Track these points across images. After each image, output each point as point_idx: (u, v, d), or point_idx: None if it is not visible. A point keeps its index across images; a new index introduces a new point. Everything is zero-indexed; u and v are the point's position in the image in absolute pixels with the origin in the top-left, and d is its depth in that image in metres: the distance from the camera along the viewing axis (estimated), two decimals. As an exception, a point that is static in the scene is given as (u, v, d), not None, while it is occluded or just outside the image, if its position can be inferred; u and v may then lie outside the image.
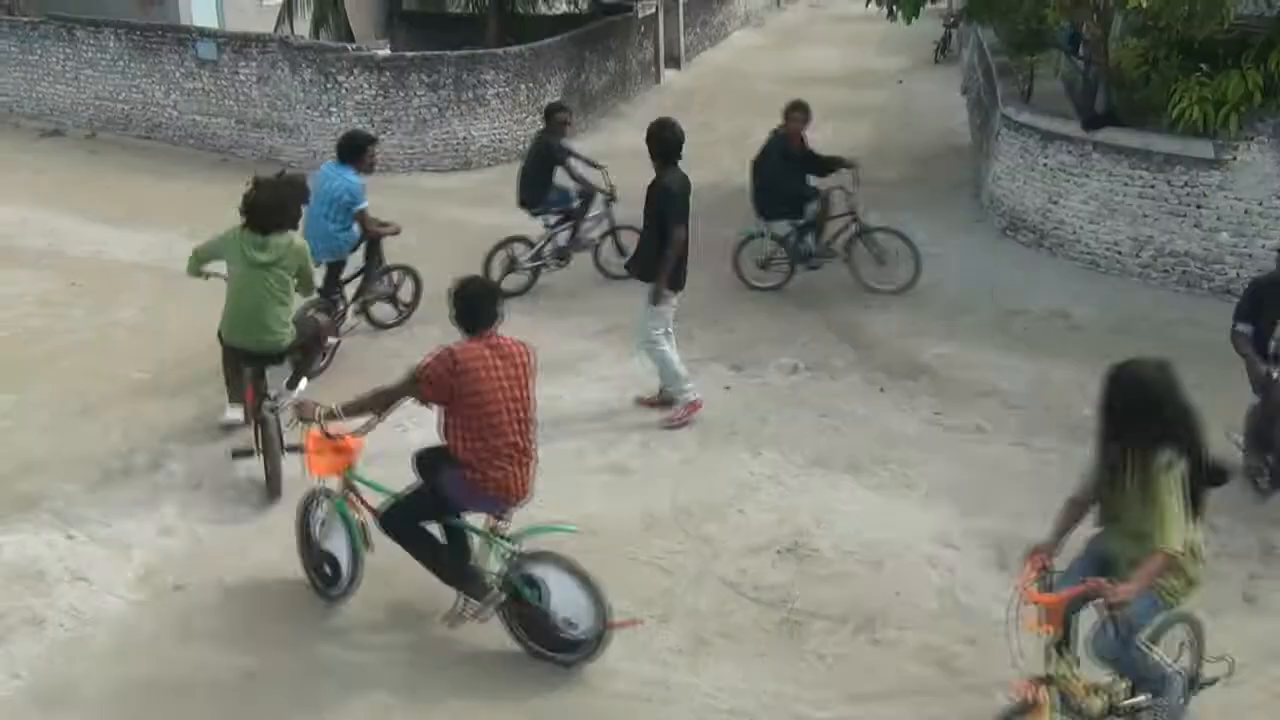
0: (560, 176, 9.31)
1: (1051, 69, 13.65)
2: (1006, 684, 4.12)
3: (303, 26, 16.99)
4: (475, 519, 4.99)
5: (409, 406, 7.29)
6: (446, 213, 11.28)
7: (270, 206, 6.27)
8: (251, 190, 6.36)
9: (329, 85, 13.75)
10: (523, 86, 14.40)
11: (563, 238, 9.51)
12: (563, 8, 19.89)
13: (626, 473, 6.64)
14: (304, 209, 6.62)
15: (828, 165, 9.28)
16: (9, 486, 6.41)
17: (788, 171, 9.07)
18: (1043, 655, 3.97)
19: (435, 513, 4.97)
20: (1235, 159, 9.06)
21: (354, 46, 14.29)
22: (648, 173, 7.09)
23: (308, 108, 13.94)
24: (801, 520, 6.07)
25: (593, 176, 9.47)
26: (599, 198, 9.52)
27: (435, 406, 4.85)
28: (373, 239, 8.10)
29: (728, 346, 8.39)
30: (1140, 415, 3.88)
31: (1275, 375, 5.92)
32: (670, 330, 7.24)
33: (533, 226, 9.47)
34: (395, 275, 8.65)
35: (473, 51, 14.49)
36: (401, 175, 13.58)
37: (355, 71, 13.66)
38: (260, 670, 4.95)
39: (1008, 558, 5.74)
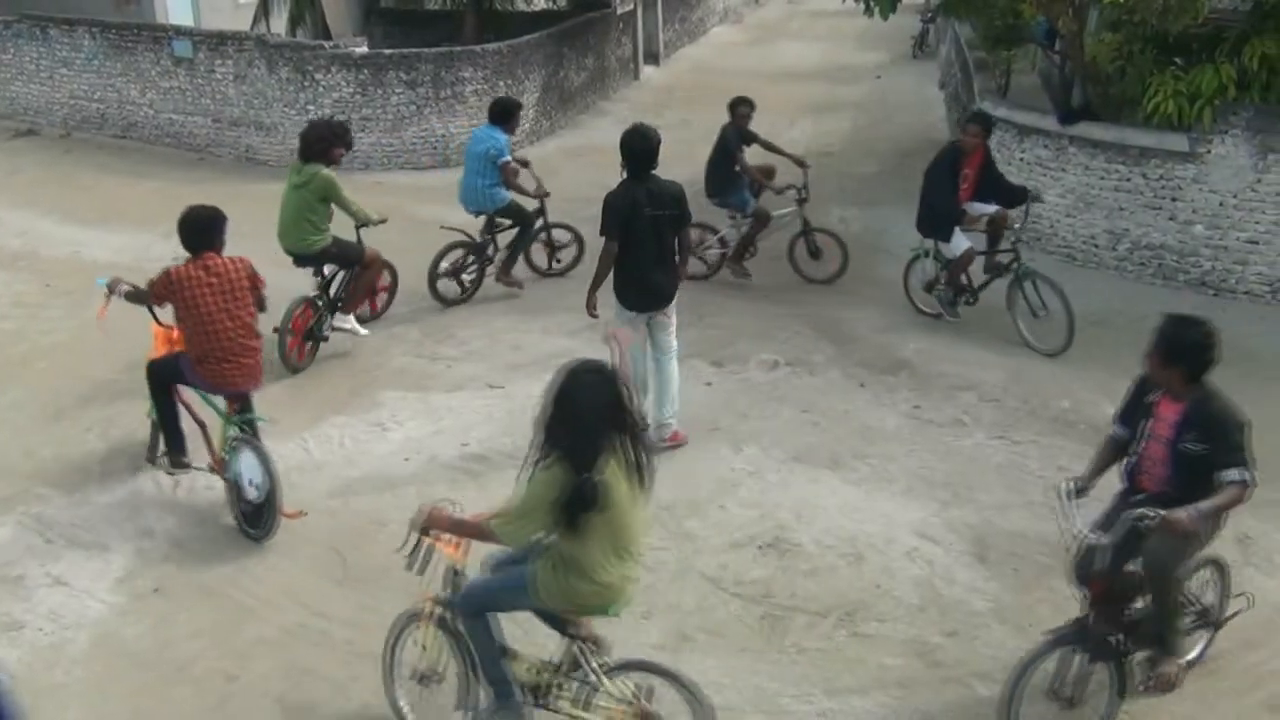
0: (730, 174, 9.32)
1: (1028, 64, 13.75)
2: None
3: (279, 24, 16.88)
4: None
5: (391, 407, 7.36)
6: (426, 210, 11.22)
7: (307, 141, 7.79)
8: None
9: (306, 83, 13.68)
10: (501, 84, 14.33)
11: (745, 225, 9.55)
12: (541, 4, 19.81)
13: (608, 470, 6.63)
14: (341, 150, 7.84)
15: (1009, 194, 8.35)
16: (-15, 490, 6.37)
17: (948, 189, 8.22)
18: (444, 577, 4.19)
19: (173, 377, 5.96)
20: (1209, 152, 9.14)
21: (331, 44, 14.17)
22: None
23: (285, 106, 13.86)
24: (782, 515, 6.10)
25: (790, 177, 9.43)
26: (790, 194, 9.37)
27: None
28: (538, 197, 9.24)
29: (709, 343, 8.40)
30: (546, 411, 3.85)
31: (1079, 530, 4.26)
32: (670, 347, 6.79)
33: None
34: (556, 231, 9.66)
35: (451, 49, 14.44)
36: (380, 173, 13.55)
37: (332, 69, 13.59)
38: (241, 672, 4.95)
39: (987, 550, 5.80)
